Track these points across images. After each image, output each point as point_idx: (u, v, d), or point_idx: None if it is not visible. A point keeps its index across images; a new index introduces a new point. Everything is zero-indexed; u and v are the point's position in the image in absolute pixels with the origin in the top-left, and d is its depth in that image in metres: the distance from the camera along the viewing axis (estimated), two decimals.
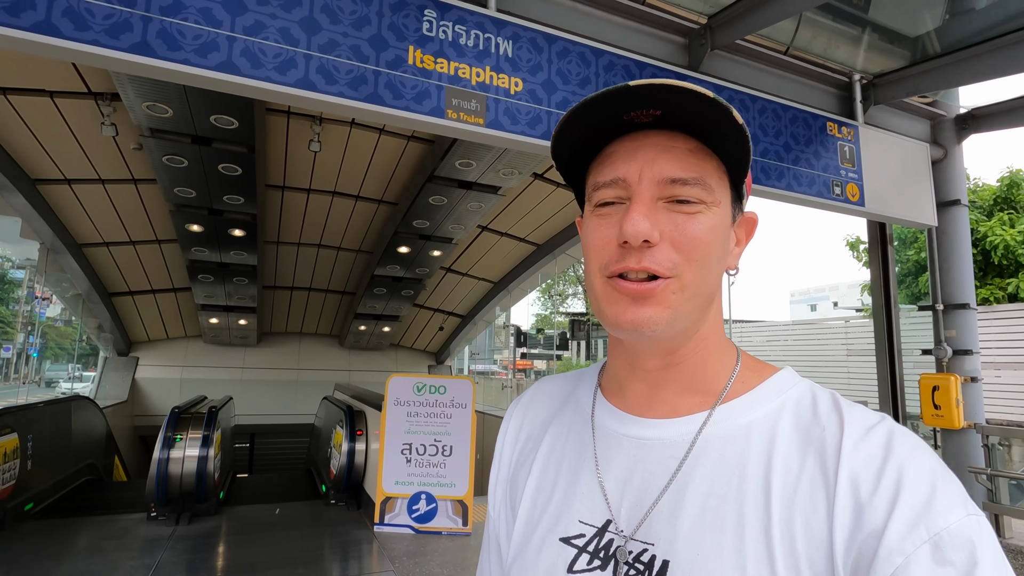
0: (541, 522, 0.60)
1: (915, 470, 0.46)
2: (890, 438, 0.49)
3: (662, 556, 0.51)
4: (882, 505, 0.45)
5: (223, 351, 12.30)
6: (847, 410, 0.53)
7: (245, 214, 6.91)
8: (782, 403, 0.55)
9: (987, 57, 3.23)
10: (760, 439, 0.52)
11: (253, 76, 1.84)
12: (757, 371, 0.59)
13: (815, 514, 0.47)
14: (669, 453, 0.55)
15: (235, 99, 4.68)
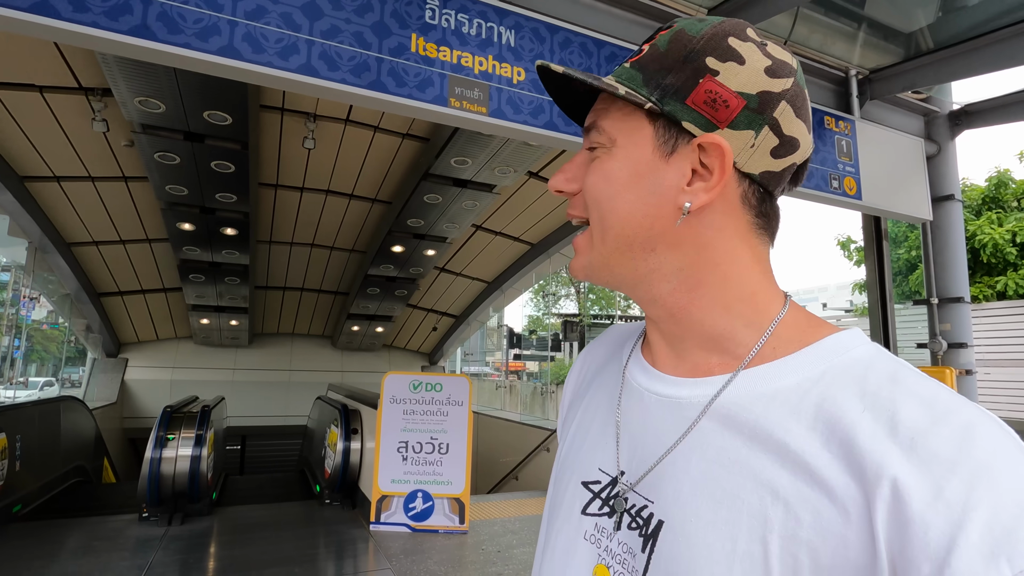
0: (572, 463, 0.62)
1: (998, 477, 0.36)
2: (966, 432, 0.39)
3: (659, 516, 0.50)
4: (942, 524, 0.36)
5: (214, 352, 12.19)
6: (909, 386, 0.43)
7: (238, 212, 6.85)
8: (823, 371, 0.47)
9: (980, 52, 3.27)
10: (781, 410, 0.46)
11: (255, 61, 1.81)
12: (804, 331, 0.52)
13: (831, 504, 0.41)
14: (683, 414, 0.52)
15: (229, 95, 4.64)
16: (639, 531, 0.51)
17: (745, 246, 0.53)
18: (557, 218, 8.34)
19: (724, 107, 0.50)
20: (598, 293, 25.59)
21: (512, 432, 9.24)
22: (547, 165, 6.77)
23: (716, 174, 0.50)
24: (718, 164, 0.50)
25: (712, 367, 0.53)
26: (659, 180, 0.52)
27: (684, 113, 0.51)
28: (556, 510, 0.62)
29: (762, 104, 0.50)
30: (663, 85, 0.51)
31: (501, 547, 4.46)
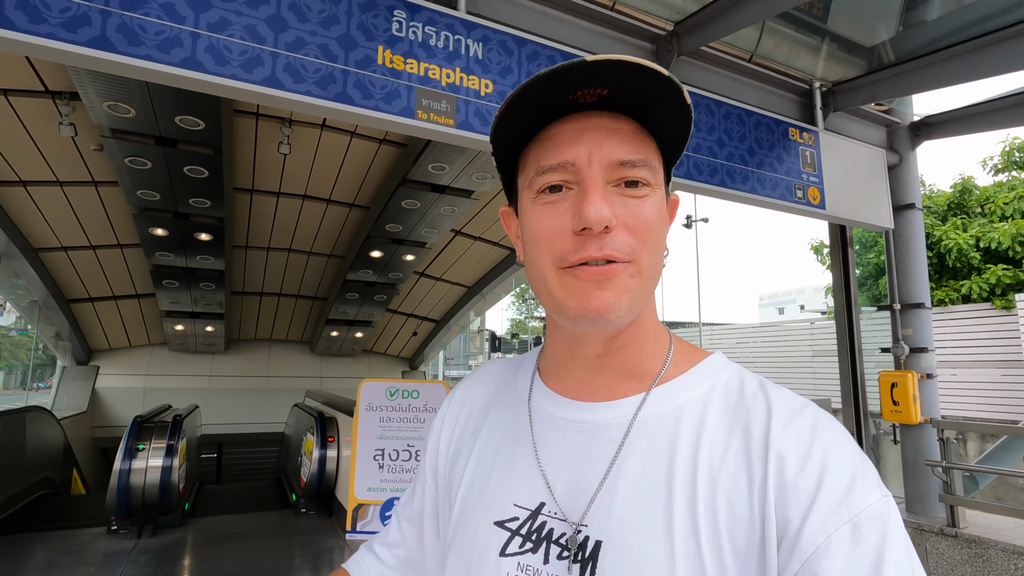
0: (477, 507, 0.60)
1: (839, 454, 0.48)
2: (815, 423, 0.51)
3: (595, 537, 0.51)
4: (807, 486, 0.47)
5: (189, 359, 11.97)
6: (773, 393, 0.54)
7: (212, 218, 6.75)
8: (712, 386, 0.56)
9: (938, 67, 3.38)
10: (690, 420, 0.53)
11: (218, 73, 1.80)
12: (688, 355, 0.60)
13: (736, 491, 0.48)
14: (605, 436, 0.55)
15: (202, 100, 4.58)
16: (573, 558, 0.51)
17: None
18: None
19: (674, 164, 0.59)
20: None
21: None
22: None
23: (669, 222, 0.57)
24: (670, 214, 0.58)
25: (627, 390, 0.57)
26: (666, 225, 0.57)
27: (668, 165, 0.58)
28: (466, 557, 0.58)
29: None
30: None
31: None
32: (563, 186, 0.53)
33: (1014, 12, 3.05)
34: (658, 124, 0.54)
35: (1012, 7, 3.00)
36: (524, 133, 0.56)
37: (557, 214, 0.53)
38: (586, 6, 2.75)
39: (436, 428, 0.73)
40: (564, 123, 0.54)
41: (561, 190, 0.53)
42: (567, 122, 0.54)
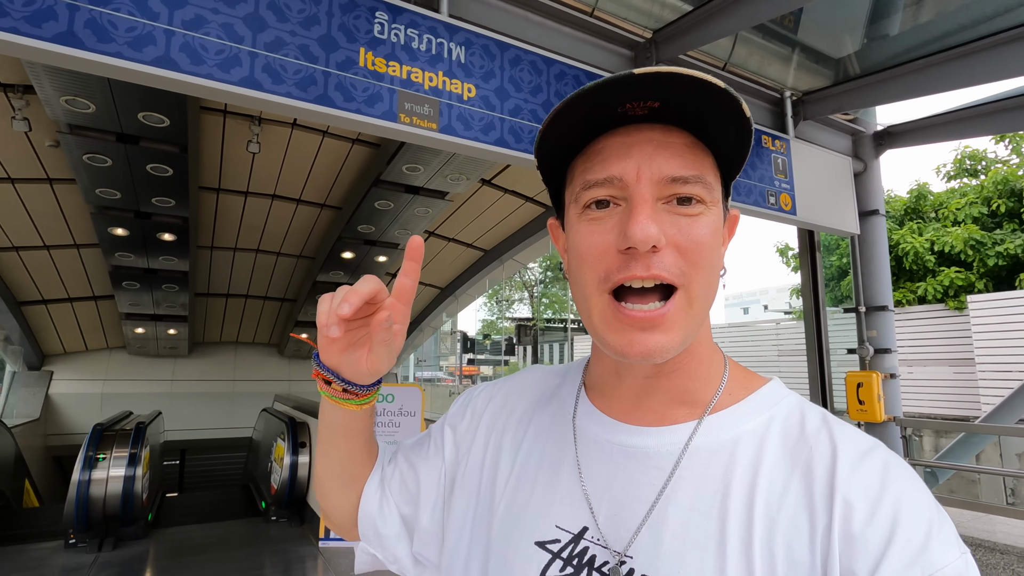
0: (519, 524, 0.57)
1: (913, 505, 0.45)
2: (886, 467, 0.47)
3: (640, 570, 0.49)
4: (877, 539, 0.43)
5: (150, 363, 11.55)
6: (839, 430, 0.50)
7: (176, 217, 6.53)
8: (770, 417, 0.52)
9: (900, 79, 3.52)
10: (746, 454, 0.50)
11: (194, 73, 1.74)
12: (744, 382, 0.57)
13: (797, 536, 0.46)
14: (653, 464, 0.52)
15: (166, 96, 4.42)
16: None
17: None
18: (510, 225, 8.38)
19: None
20: (551, 297, 25.85)
21: None
22: (499, 173, 6.80)
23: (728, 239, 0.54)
24: (729, 234, 0.55)
25: (678, 416, 0.54)
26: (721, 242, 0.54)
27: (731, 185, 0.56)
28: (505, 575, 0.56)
29: None
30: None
31: None
32: (610, 201, 0.51)
33: (970, 30, 3.20)
34: (715, 137, 0.51)
35: (968, 26, 3.14)
36: (572, 145, 0.53)
37: (603, 231, 0.50)
38: (567, 12, 2.76)
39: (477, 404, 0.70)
40: (613, 136, 0.51)
41: (608, 205, 0.51)
42: (616, 135, 0.51)
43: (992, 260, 9.54)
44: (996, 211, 10.21)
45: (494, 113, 2.33)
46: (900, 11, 3.32)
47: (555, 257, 22.69)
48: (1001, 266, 9.59)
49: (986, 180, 10.75)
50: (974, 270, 9.83)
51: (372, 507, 0.69)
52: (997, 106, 3.75)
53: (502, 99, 2.37)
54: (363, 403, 0.63)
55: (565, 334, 22.11)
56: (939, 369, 9.83)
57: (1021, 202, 9.79)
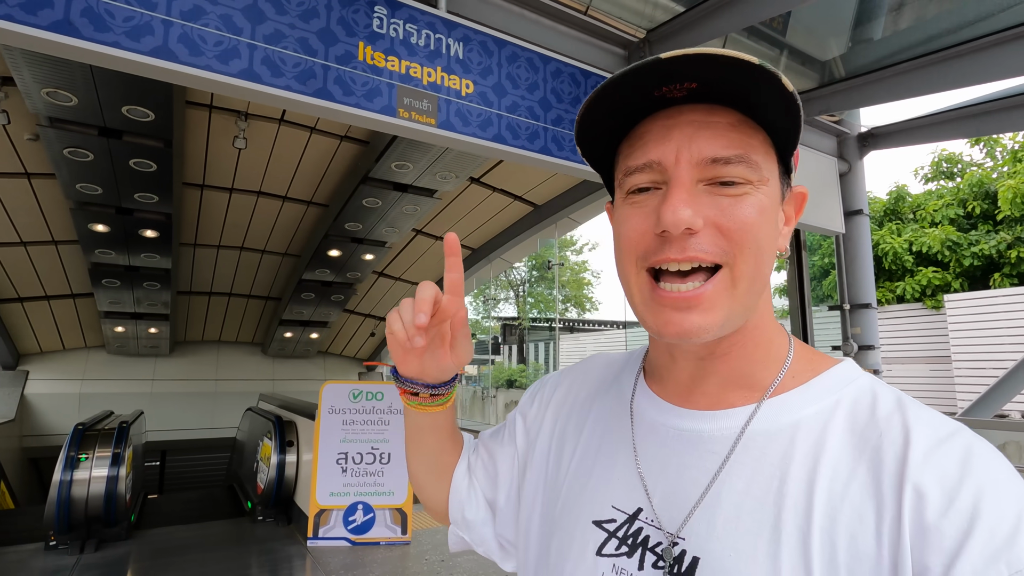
0: (578, 503, 0.59)
1: (998, 494, 0.41)
2: (968, 452, 0.43)
3: (692, 552, 0.49)
4: (954, 530, 0.40)
5: (130, 362, 11.33)
6: (914, 413, 0.47)
7: (159, 214, 6.42)
8: (836, 400, 0.50)
9: (884, 82, 3.60)
10: (807, 439, 0.48)
11: (192, 64, 1.72)
12: (811, 363, 0.54)
13: (862, 527, 0.43)
14: (708, 448, 0.52)
15: (151, 90, 4.35)
16: (668, 570, 0.49)
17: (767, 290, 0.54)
18: (498, 224, 8.39)
19: (794, 160, 0.54)
20: (537, 297, 25.90)
21: None
22: (488, 171, 6.80)
23: (793, 219, 0.53)
24: (794, 212, 0.53)
25: (735, 400, 0.53)
26: (779, 224, 0.53)
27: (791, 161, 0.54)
28: (565, 552, 0.58)
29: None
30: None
31: (445, 556, 4.42)
32: (651, 186, 0.50)
33: (950, 36, 3.29)
34: (763, 113, 0.49)
35: (948, 32, 3.23)
36: (617, 130, 0.53)
37: (643, 215, 0.50)
38: (562, 11, 2.78)
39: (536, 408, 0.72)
40: (655, 120, 0.51)
41: (649, 191, 0.51)
42: (658, 119, 0.50)
43: (968, 260, 9.80)
44: (971, 213, 10.48)
45: (491, 109, 2.34)
46: (883, 16, 3.40)
47: (541, 256, 22.74)
48: (976, 266, 9.86)
49: (962, 183, 11.04)
50: (950, 270, 10.08)
51: (461, 493, 0.74)
52: (974, 110, 3.86)
53: (499, 95, 2.38)
54: (447, 400, 0.68)
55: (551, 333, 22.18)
56: (917, 366, 10.07)
57: (995, 204, 10.07)
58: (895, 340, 10.29)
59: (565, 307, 26.22)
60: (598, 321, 24.52)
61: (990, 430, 7.01)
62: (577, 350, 18.36)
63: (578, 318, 25.92)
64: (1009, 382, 4.26)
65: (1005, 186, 9.55)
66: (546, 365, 21.16)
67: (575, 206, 7.09)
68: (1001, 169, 10.89)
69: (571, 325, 24.85)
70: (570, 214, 7.30)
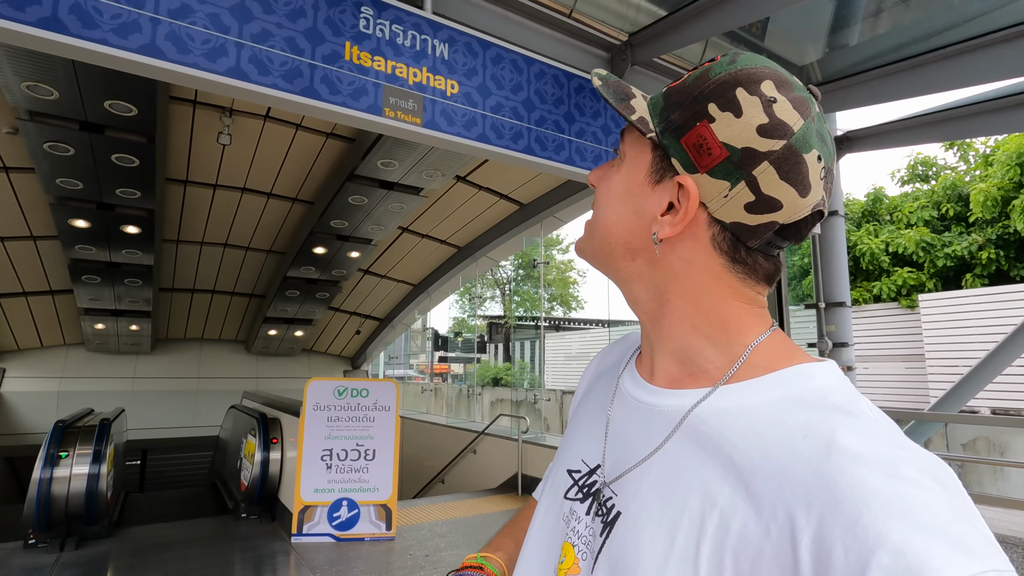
0: (565, 452, 0.71)
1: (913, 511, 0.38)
2: (891, 466, 0.41)
3: (618, 507, 0.56)
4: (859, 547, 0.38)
5: (110, 360, 11.18)
6: (850, 420, 0.46)
7: (141, 209, 6.36)
8: (780, 396, 0.51)
9: (859, 87, 3.71)
10: (734, 427, 0.50)
11: (180, 62, 1.74)
12: (776, 357, 0.55)
13: (756, 518, 0.44)
14: (656, 422, 0.58)
15: (135, 84, 4.32)
16: (602, 519, 0.57)
17: (717, 282, 0.56)
18: (484, 222, 8.43)
19: (707, 154, 0.53)
20: (523, 295, 25.97)
21: (438, 435, 9.21)
22: (475, 170, 6.84)
23: (681, 212, 0.55)
24: (685, 204, 0.54)
25: (683, 380, 0.58)
26: (643, 203, 0.59)
27: (675, 150, 0.55)
28: (548, 491, 0.70)
29: (743, 160, 0.51)
30: (669, 119, 0.56)
31: (429, 551, 4.46)
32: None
33: (923, 42, 3.40)
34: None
35: (921, 39, 3.34)
36: None
37: None
38: (546, 13, 2.83)
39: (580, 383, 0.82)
40: None
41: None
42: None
43: (941, 261, 10.05)
44: (945, 215, 10.75)
45: (476, 110, 2.39)
46: (859, 22, 3.51)
47: (527, 255, 22.80)
48: (949, 267, 10.12)
49: (936, 185, 11.31)
50: (925, 270, 10.34)
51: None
52: (947, 114, 3.99)
53: (484, 96, 2.42)
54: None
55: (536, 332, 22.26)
56: (892, 364, 10.31)
57: (967, 207, 10.34)
58: (872, 338, 10.52)
59: (551, 305, 26.34)
60: (583, 319, 24.66)
61: (960, 424, 7.22)
62: (563, 348, 18.46)
63: (564, 316, 26.04)
64: (975, 378, 4.41)
65: (977, 189, 9.81)
66: (532, 363, 21.25)
67: (560, 205, 7.16)
68: (973, 173, 11.18)
69: (557, 323, 24.97)
70: (555, 213, 7.37)
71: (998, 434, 7.37)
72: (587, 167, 2.79)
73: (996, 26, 3.13)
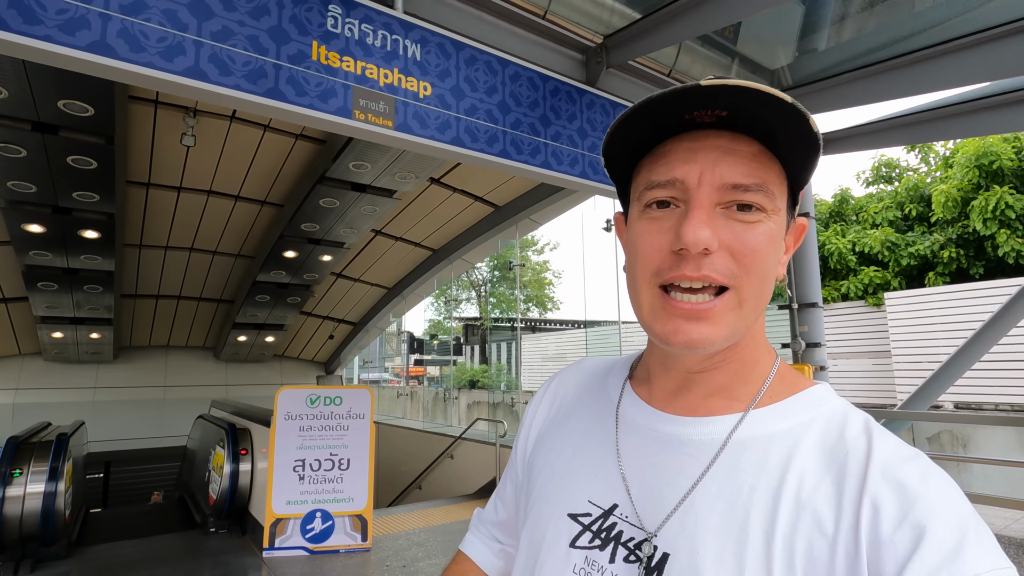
0: (553, 496, 0.62)
1: (946, 513, 0.44)
2: (924, 475, 0.47)
3: (663, 549, 0.51)
4: (904, 544, 0.43)
5: (69, 370, 10.73)
6: (878, 437, 0.50)
7: (100, 213, 6.10)
8: (810, 418, 0.53)
9: (829, 91, 3.77)
10: (780, 451, 0.51)
11: (133, 60, 1.64)
12: (789, 384, 0.57)
13: (819, 534, 0.46)
14: (687, 451, 0.55)
15: (90, 83, 4.13)
16: (640, 564, 0.52)
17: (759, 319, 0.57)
18: (458, 225, 8.35)
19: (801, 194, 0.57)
20: (499, 297, 25.92)
21: (415, 440, 9.09)
22: (449, 172, 6.76)
23: (792, 248, 0.56)
24: (793, 242, 0.56)
25: (714, 408, 0.56)
26: (780, 249, 0.55)
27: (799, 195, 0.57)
28: (537, 540, 0.61)
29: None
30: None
31: (406, 561, 4.37)
32: (671, 202, 0.53)
33: (888, 48, 3.47)
34: (784, 149, 0.52)
35: (890, 43, 3.41)
36: (641, 147, 0.56)
37: (660, 231, 0.53)
38: (520, 14, 2.79)
39: (528, 416, 0.75)
40: (681, 140, 0.53)
41: (668, 206, 0.53)
42: (683, 139, 0.53)
43: (905, 260, 10.35)
44: (908, 215, 11.08)
45: (450, 112, 2.33)
46: (827, 27, 3.56)
47: (503, 256, 22.77)
48: (913, 266, 10.43)
49: (900, 187, 11.66)
50: (890, 269, 10.64)
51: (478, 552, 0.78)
52: (912, 119, 4.08)
53: (458, 98, 2.36)
54: None
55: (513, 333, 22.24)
56: (860, 361, 10.58)
57: (929, 207, 10.68)
58: (840, 336, 10.78)
59: (527, 307, 26.34)
60: (559, 320, 24.74)
61: (927, 422, 7.44)
62: (539, 349, 18.47)
63: (540, 318, 26.09)
64: (942, 376, 4.53)
65: (938, 190, 10.14)
66: (508, 365, 21.21)
67: (536, 207, 7.13)
68: (934, 174, 11.56)
69: (533, 325, 24.99)
70: (531, 215, 7.34)
71: (960, 428, 7.61)
72: (563, 170, 2.75)
73: (958, 33, 3.20)
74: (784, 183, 0.54)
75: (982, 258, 9.86)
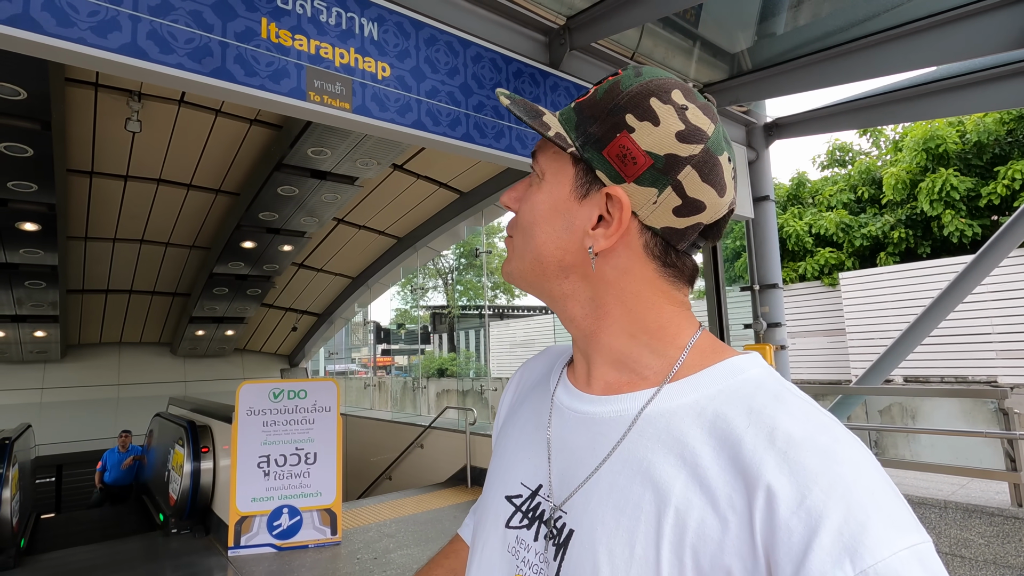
0: (496, 479, 0.66)
1: (849, 493, 0.41)
2: (828, 452, 0.44)
3: (570, 525, 0.53)
4: (800, 529, 0.41)
5: (13, 370, 10.18)
6: (785, 410, 0.48)
7: (39, 204, 5.75)
8: (719, 390, 0.52)
9: (787, 75, 3.82)
10: (680, 425, 0.51)
11: (62, 36, 1.51)
12: (708, 355, 0.56)
13: (713, 513, 0.45)
14: (598, 430, 0.56)
15: (22, 64, 3.85)
16: (553, 540, 0.54)
17: (651, 288, 0.57)
18: (423, 212, 8.22)
19: (632, 163, 0.54)
20: (466, 284, 25.80)
21: (383, 431, 9.00)
22: (412, 158, 6.63)
23: (615, 223, 0.55)
24: (618, 214, 0.54)
25: (621, 386, 0.57)
26: (572, 219, 0.57)
27: (599, 162, 0.55)
28: (483, 522, 0.65)
29: (667, 166, 0.53)
30: (588, 133, 0.56)
31: (377, 553, 4.33)
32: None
33: (848, 31, 3.53)
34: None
35: (846, 27, 3.47)
36: None
37: None
38: None
39: (500, 405, 0.79)
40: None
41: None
42: None
43: (858, 241, 10.74)
44: (861, 197, 11.48)
45: (410, 94, 2.25)
46: (784, 12, 3.60)
47: (469, 244, 22.61)
48: (865, 246, 10.83)
49: (853, 170, 12.05)
50: (844, 250, 11.02)
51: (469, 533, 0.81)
52: (862, 103, 4.19)
53: (418, 80, 2.29)
54: None
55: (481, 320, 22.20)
56: (816, 339, 10.97)
57: (880, 189, 11.08)
58: (798, 316, 11.14)
59: (494, 294, 26.30)
60: (528, 307, 24.81)
61: (879, 396, 7.78)
62: (507, 336, 18.49)
63: (508, 304, 26.10)
64: (893, 352, 4.72)
65: (888, 173, 10.52)
66: (477, 353, 21.17)
67: (501, 193, 7.07)
68: (885, 158, 11.99)
69: (501, 311, 24.99)
70: (496, 201, 7.28)
71: (909, 400, 7.99)
72: (528, 154, 2.71)
73: (910, 17, 3.28)
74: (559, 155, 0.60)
75: (929, 238, 10.31)
